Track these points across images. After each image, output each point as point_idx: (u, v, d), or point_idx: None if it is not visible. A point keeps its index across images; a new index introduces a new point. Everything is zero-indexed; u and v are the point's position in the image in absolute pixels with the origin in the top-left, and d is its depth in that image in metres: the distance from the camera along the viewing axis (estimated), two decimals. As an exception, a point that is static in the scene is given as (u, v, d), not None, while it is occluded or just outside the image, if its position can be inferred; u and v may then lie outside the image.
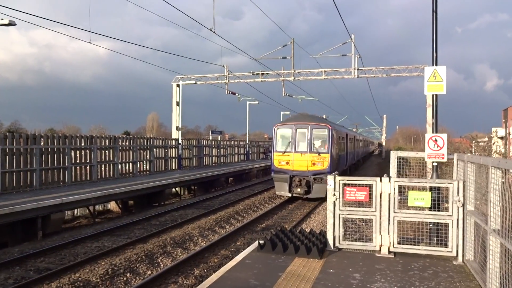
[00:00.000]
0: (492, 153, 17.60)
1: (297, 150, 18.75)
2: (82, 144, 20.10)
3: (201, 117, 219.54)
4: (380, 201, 7.59)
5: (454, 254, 7.30)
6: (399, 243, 7.58)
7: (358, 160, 38.61)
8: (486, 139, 20.94)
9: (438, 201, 7.42)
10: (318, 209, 18.04)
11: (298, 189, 18.57)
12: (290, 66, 28.67)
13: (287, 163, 18.86)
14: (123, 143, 23.22)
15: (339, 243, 7.90)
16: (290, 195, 19.05)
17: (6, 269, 9.71)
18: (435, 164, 8.37)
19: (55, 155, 18.33)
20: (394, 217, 7.50)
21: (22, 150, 16.76)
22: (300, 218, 16.00)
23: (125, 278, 9.21)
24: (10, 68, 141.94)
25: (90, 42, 17.20)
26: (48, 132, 47.87)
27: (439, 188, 7.56)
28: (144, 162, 25.30)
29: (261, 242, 8.12)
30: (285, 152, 18.90)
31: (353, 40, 26.41)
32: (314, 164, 18.38)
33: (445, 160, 8.26)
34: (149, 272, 9.68)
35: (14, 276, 9.29)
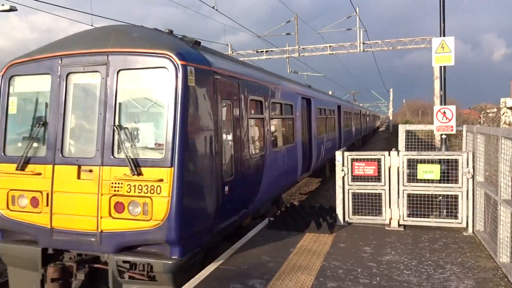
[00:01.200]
0: (501, 123, 17.48)
1: (68, 156, 5.80)
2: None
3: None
4: (389, 175, 7.60)
5: (464, 225, 7.34)
6: (408, 216, 7.62)
7: (352, 144, 26.39)
8: (495, 109, 20.76)
9: (448, 173, 7.41)
10: (328, 185, 18.10)
11: None
12: (295, 42, 28.34)
13: (33, 202, 5.87)
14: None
15: (349, 217, 7.96)
16: None
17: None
18: (444, 136, 8.33)
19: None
20: (403, 190, 7.52)
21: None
22: (309, 194, 16.09)
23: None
24: (13, 54, 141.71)
25: (92, 25, 17.03)
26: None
27: (448, 160, 7.53)
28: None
29: (271, 218, 8.21)
30: (27, 162, 5.91)
31: (357, 13, 25.95)
32: (119, 207, 5.44)
33: (454, 132, 8.22)
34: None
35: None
